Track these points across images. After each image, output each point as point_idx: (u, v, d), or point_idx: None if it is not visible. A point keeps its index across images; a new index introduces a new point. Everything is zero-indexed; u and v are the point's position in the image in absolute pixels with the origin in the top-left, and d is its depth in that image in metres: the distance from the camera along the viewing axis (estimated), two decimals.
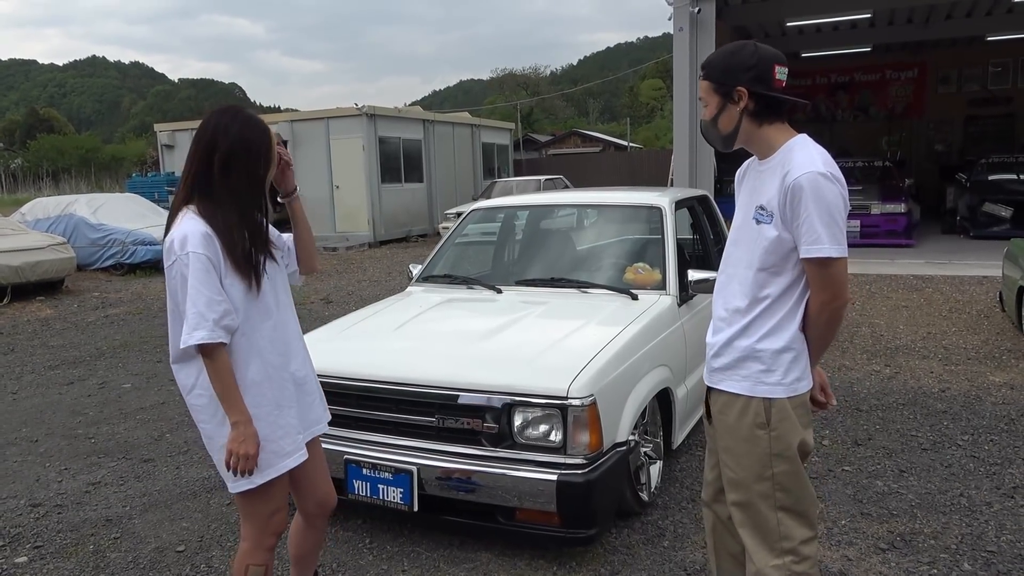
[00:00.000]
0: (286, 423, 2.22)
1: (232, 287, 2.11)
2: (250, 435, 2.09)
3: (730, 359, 2.09)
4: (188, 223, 2.10)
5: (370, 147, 16.82)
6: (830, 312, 2.00)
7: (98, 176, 28.96)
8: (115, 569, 3.17)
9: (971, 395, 4.98)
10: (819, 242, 1.91)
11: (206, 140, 2.14)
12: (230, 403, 2.08)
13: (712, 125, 2.09)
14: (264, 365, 2.18)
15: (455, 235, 4.89)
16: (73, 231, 12.88)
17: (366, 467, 3.08)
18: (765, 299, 2.04)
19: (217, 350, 2.06)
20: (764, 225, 2.02)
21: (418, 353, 3.40)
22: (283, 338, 2.25)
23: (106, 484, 4.07)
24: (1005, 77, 17.92)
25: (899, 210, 12.20)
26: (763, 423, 2.03)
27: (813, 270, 1.97)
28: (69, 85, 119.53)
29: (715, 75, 2.05)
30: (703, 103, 2.11)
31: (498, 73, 68.11)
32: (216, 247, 2.09)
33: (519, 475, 2.87)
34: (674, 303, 3.87)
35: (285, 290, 2.33)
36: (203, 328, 2.02)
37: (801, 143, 2.03)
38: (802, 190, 1.91)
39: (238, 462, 2.08)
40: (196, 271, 2.04)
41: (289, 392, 2.24)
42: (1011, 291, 6.54)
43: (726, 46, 2.09)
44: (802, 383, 2.06)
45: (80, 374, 6.49)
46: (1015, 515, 3.31)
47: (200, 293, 2.03)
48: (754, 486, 2.06)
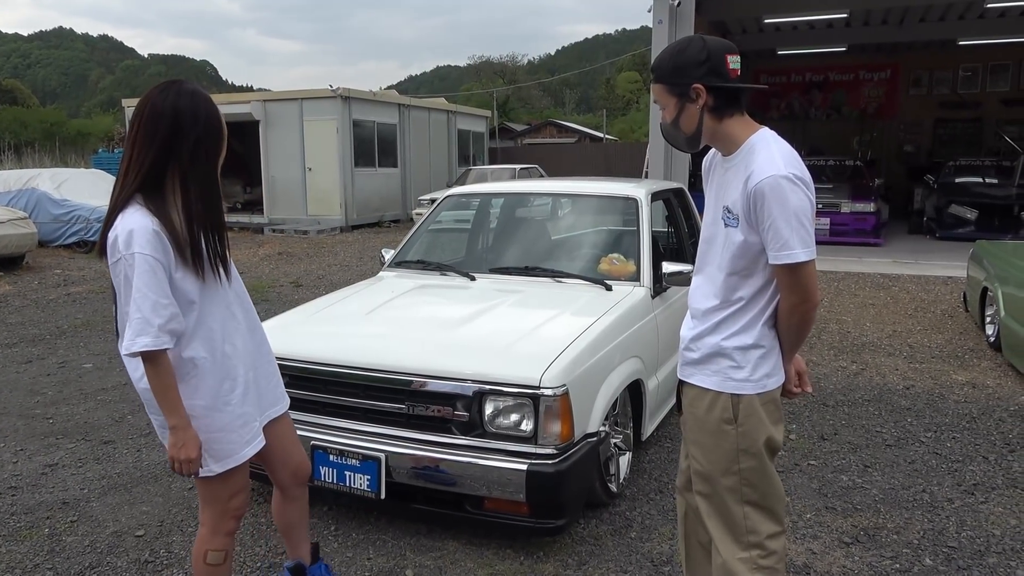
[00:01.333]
0: (243, 411, 2.17)
1: (184, 279, 2.02)
2: (189, 439, 2.03)
3: (700, 354, 2.08)
4: (134, 217, 1.97)
5: (344, 130, 16.61)
6: (800, 315, 1.98)
7: (63, 151, 28.25)
8: (71, 553, 3.09)
9: (934, 393, 5.06)
10: (787, 247, 1.87)
11: (166, 123, 1.98)
12: (168, 407, 2.01)
13: (674, 127, 2.03)
14: (219, 355, 2.11)
15: (429, 221, 4.83)
16: (35, 206, 12.55)
17: (333, 453, 3.03)
18: (738, 301, 2.02)
19: (159, 356, 1.97)
20: (731, 228, 1.98)
21: (389, 339, 3.35)
22: (237, 326, 2.19)
23: (64, 466, 3.97)
24: (975, 82, 18.21)
25: (868, 209, 12.37)
26: (730, 418, 2.03)
27: (782, 274, 1.94)
28: (34, 56, 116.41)
29: (666, 76, 1.99)
30: (660, 107, 2.05)
31: (475, 60, 67.80)
32: (165, 243, 1.97)
33: (489, 464, 2.84)
34: (648, 295, 3.86)
35: (235, 276, 2.26)
36: (147, 335, 1.93)
37: (762, 140, 1.96)
38: (764, 196, 1.86)
39: (180, 466, 2.04)
40: (142, 273, 1.93)
41: (244, 380, 2.18)
42: (975, 292, 6.65)
43: (670, 45, 2.02)
44: (771, 380, 2.04)
45: (39, 353, 6.33)
46: (975, 511, 3.37)
47: (146, 297, 1.93)
48: (721, 480, 2.06)
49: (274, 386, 2.36)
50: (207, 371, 2.09)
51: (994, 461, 3.92)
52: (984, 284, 6.29)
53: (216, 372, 2.11)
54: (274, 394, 2.36)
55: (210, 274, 2.08)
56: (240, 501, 2.25)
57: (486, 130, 24.65)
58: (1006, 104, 17.76)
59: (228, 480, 2.19)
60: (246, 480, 2.27)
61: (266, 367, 2.33)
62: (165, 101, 2.00)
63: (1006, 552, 3.03)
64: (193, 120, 2.00)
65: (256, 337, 2.29)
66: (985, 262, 6.41)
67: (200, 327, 2.08)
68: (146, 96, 2.04)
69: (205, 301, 2.09)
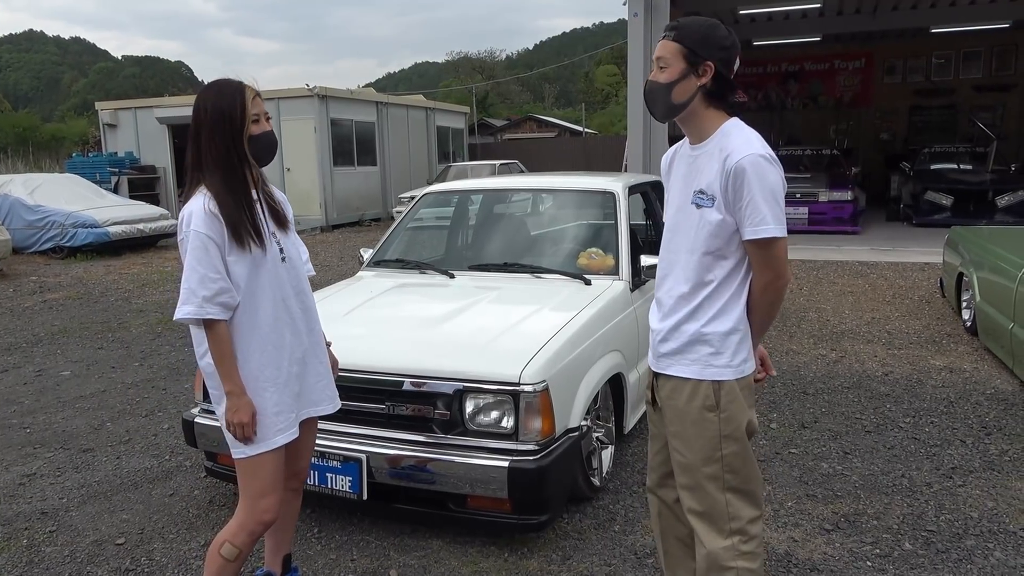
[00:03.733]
0: (281, 400, 2.27)
1: (236, 263, 2.18)
2: (243, 405, 2.18)
3: (678, 344, 2.09)
4: (195, 201, 2.18)
5: (322, 129, 16.51)
6: (773, 292, 2.03)
7: (36, 156, 27.82)
8: (50, 564, 3.06)
9: (913, 378, 5.12)
10: (764, 223, 1.93)
11: (196, 118, 2.20)
12: (225, 374, 2.18)
13: (665, 90, 2.01)
14: (264, 342, 2.23)
15: (407, 219, 4.81)
16: (8, 212, 12.37)
17: (314, 455, 3.00)
18: (710, 283, 2.04)
19: (215, 324, 2.15)
20: (706, 209, 2.01)
21: (368, 339, 3.34)
22: (290, 320, 2.30)
23: (42, 475, 3.92)
24: (948, 69, 18.41)
25: (846, 198, 12.48)
26: (712, 405, 2.04)
27: (756, 251, 1.98)
28: (5, 60, 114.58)
29: (689, 41, 1.98)
30: (660, 64, 2.02)
31: (454, 56, 67.58)
32: (220, 225, 2.15)
33: (471, 462, 2.84)
34: (627, 288, 3.87)
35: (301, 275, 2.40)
36: (191, 304, 2.12)
37: (735, 126, 2.02)
38: (744, 172, 1.92)
39: (235, 430, 2.19)
40: (194, 249, 2.13)
41: (288, 371, 2.29)
42: (951, 278, 6.73)
43: (702, 17, 2.03)
44: (748, 364, 2.08)
45: (15, 361, 6.24)
46: (953, 495, 3.41)
47: (194, 271, 2.12)
48: (703, 468, 2.07)
49: (322, 388, 2.43)
50: (247, 357, 2.21)
51: (971, 444, 3.97)
52: (960, 270, 6.36)
53: (258, 357, 2.22)
54: (319, 395, 2.42)
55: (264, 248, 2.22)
56: (269, 503, 2.28)
57: (465, 126, 24.59)
58: (978, 90, 17.99)
59: (258, 471, 2.26)
60: (276, 482, 2.30)
61: (317, 367, 2.40)
62: (198, 98, 2.24)
63: (983, 534, 3.07)
64: (205, 109, 2.19)
65: (313, 338, 2.40)
66: (961, 248, 6.48)
67: (244, 313, 2.20)
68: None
69: (256, 288, 2.22)
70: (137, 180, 17.32)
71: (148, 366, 5.94)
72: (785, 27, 16.68)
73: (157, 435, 4.43)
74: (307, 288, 2.42)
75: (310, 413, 2.41)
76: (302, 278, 2.40)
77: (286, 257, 2.32)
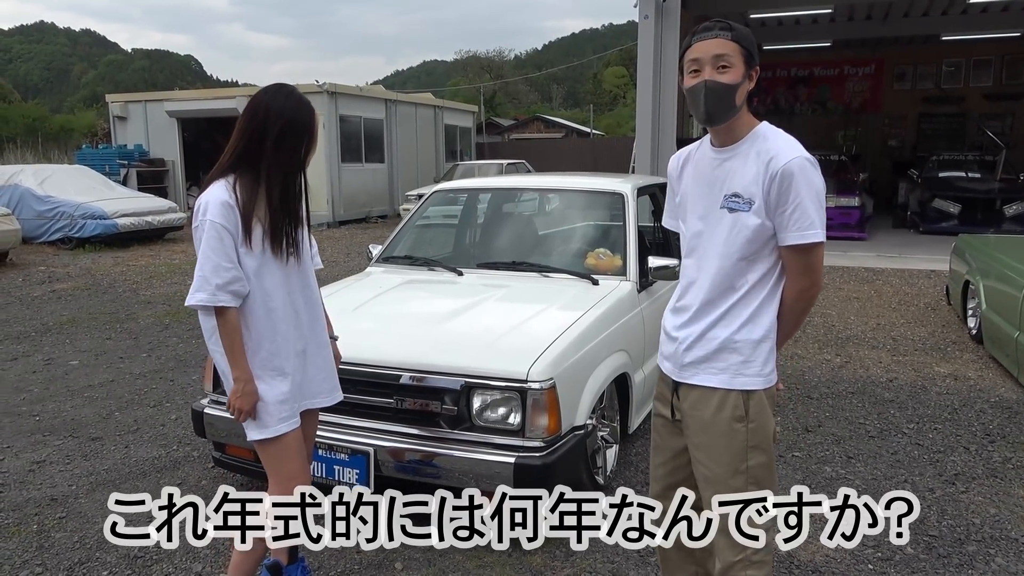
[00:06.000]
0: (284, 390, 2.32)
1: (245, 256, 2.23)
2: (248, 392, 2.24)
3: (705, 351, 2.03)
4: (215, 191, 2.22)
5: (330, 125, 16.55)
6: (807, 299, 2.00)
7: (46, 147, 27.92)
8: (60, 549, 3.09)
9: (917, 385, 5.13)
10: (812, 227, 1.89)
11: (260, 118, 2.24)
12: (234, 360, 2.24)
13: (731, 92, 1.92)
14: (272, 333, 2.29)
15: (416, 216, 4.84)
16: (18, 202, 12.44)
17: (322, 448, 3.04)
18: (742, 287, 1.99)
19: (226, 311, 2.20)
20: (742, 213, 1.95)
21: (377, 334, 3.37)
22: (300, 313, 2.36)
23: (51, 463, 3.96)
24: (957, 77, 18.37)
25: (853, 204, 12.46)
26: (741, 416, 1.99)
27: (797, 257, 1.94)
28: (15, 51, 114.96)
29: (746, 43, 1.94)
30: (723, 64, 1.92)
31: (462, 55, 67.57)
32: (235, 217, 2.20)
33: (477, 457, 2.86)
34: (634, 289, 3.89)
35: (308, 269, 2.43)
36: (204, 291, 2.18)
37: (771, 129, 2.00)
38: (793, 176, 1.88)
39: (237, 413, 2.27)
40: (209, 238, 2.18)
41: (292, 362, 2.34)
42: (957, 285, 6.74)
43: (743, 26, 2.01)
44: (775, 373, 2.04)
45: (24, 350, 6.29)
46: (956, 501, 3.43)
47: (208, 259, 2.18)
48: (729, 481, 2.02)
49: (322, 380, 2.47)
50: (255, 346, 2.27)
51: (975, 451, 3.99)
52: (966, 277, 6.37)
53: (264, 347, 2.28)
54: (320, 387, 2.47)
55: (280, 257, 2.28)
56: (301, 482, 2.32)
57: (473, 125, 24.61)
58: (988, 99, 17.94)
59: (279, 456, 2.33)
60: (300, 468, 2.37)
61: (318, 360, 2.44)
62: (263, 98, 2.28)
63: (985, 540, 3.09)
64: (279, 115, 2.24)
65: (316, 331, 2.44)
66: (967, 256, 6.49)
67: (253, 303, 2.25)
68: (255, 94, 2.32)
69: (265, 280, 2.27)
70: (146, 173, 17.39)
71: (156, 357, 5.98)
72: (795, 32, 16.69)
73: (165, 425, 4.47)
74: (313, 283, 2.46)
75: (310, 405, 2.45)
76: (309, 272, 2.44)
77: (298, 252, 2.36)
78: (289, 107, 2.27)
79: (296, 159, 2.29)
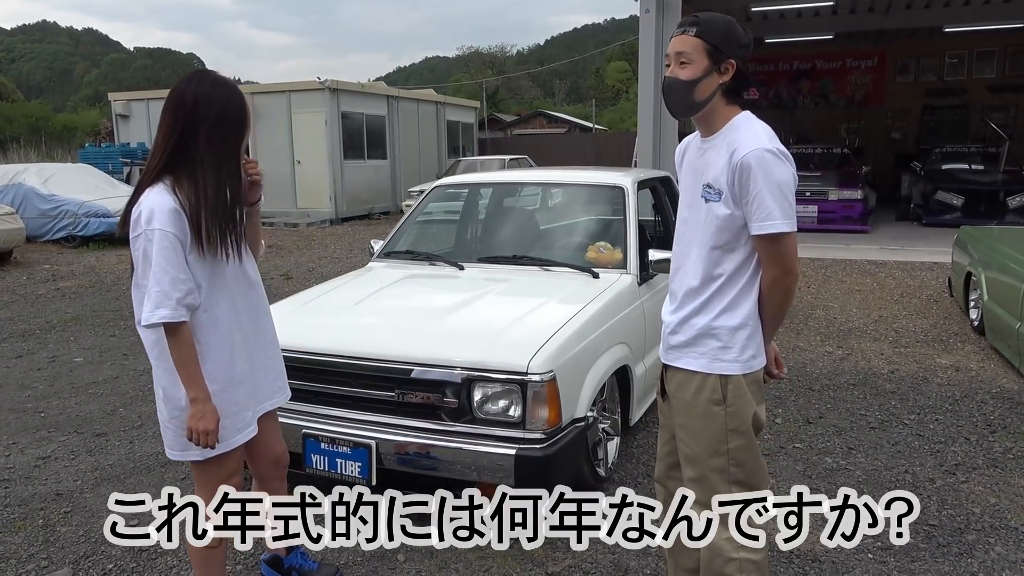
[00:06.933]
0: (237, 400, 2.23)
1: (196, 262, 2.10)
2: (209, 411, 2.10)
3: (687, 337, 2.10)
4: (156, 196, 2.05)
5: (333, 122, 16.56)
6: (782, 287, 2.03)
7: (49, 146, 28.01)
8: (66, 543, 3.12)
9: (918, 376, 5.13)
10: (771, 218, 1.92)
11: (187, 109, 2.07)
12: (189, 379, 2.09)
13: (687, 87, 1.98)
14: (221, 342, 2.18)
15: (418, 212, 4.85)
16: (22, 201, 12.49)
17: (324, 441, 3.06)
18: (719, 277, 2.05)
19: (180, 328, 2.06)
20: (713, 203, 2.02)
21: (378, 328, 3.38)
22: (241, 315, 2.25)
23: (56, 458, 3.99)
24: (960, 69, 18.29)
25: (856, 196, 12.45)
26: (719, 399, 2.06)
27: (765, 246, 1.98)
28: (18, 50, 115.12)
29: (713, 38, 1.97)
30: (682, 60, 1.98)
31: (464, 51, 67.51)
32: (184, 223, 2.05)
33: (478, 449, 2.88)
34: (634, 282, 3.90)
35: (252, 266, 2.33)
36: (166, 307, 2.02)
37: (744, 120, 2.02)
38: (750, 167, 1.92)
39: (199, 437, 2.10)
40: (162, 249, 2.02)
41: (241, 371, 2.24)
42: (959, 277, 6.73)
43: (719, 14, 2.02)
44: (756, 360, 2.09)
45: (29, 347, 6.32)
46: (956, 491, 3.44)
47: (165, 271, 2.02)
48: (709, 461, 2.09)
49: (272, 379, 2.41)
50: (205, 359, 2.15)
51: (975, 442, 3.99)
52: (968, 269, 6.36)
53: (216, 358, 2.17)
54: (272, 387, 2.40)
55: (218, 258, 2.13)
56: (234, 484, 2.29)
57: (475, 121, 24.61)
58: (992, 91, 17.86)
59: (223, 464, 2.24)
60: (239, 464, 2.31)
61: (265, 361, 2.37)
62: (187, 88, 2.10)
63: (985, 529, 3.10)
64: (208, 106, 2.08)
65: (257, 329, 2.33)
66: (969, 247, 6.48)
67: (203, 312, 2.14)
68: (175, 85, 2.15)
69: (213, 286, 2.15)
70: None
71: None
72: (797, 25, 16.62)
73: None
74: (256, 279, 2.35)
75: (266, 408, 2.39)
76: (250, 270, 2.32)
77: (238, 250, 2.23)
78: (218, 95, 2.10)
79: (233, 150, 2.14)
